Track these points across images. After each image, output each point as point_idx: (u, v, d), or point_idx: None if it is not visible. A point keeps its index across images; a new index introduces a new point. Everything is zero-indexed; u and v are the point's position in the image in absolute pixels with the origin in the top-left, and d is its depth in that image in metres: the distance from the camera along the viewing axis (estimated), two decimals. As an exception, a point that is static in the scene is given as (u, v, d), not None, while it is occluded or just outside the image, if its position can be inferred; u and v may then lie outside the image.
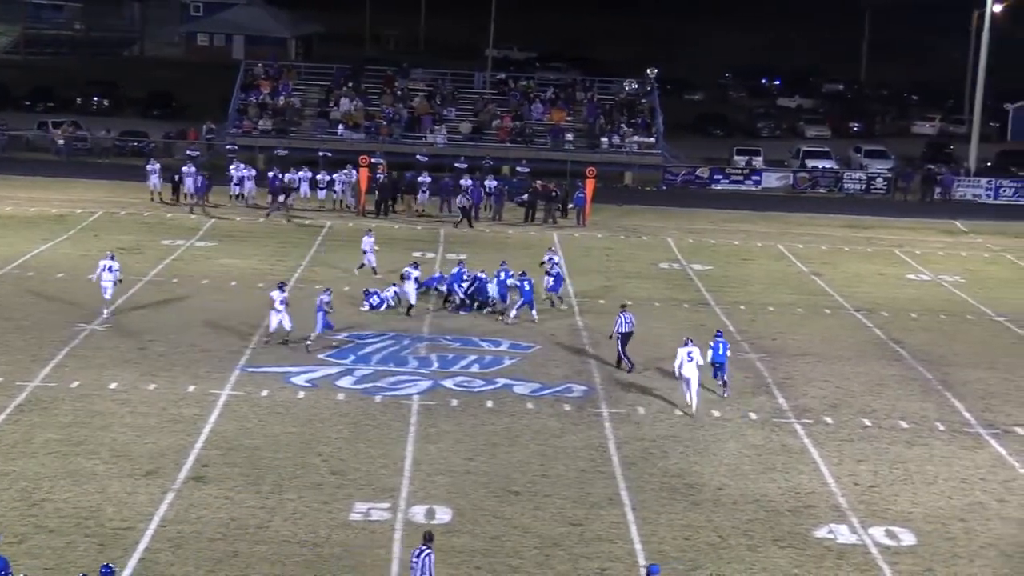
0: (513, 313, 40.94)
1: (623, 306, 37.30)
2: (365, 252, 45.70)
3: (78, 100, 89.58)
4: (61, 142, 72.56)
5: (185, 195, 59.17)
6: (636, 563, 24.41)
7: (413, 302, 41.22)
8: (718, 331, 35.52)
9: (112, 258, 39.89)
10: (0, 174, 64.56)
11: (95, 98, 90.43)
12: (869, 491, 28.54)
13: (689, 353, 32.72)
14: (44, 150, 73.44)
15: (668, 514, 26.78)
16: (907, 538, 26.21)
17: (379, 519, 25.86)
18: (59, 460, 28.06)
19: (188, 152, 65.19)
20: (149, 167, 60.09)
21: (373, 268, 45.63)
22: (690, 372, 32.67)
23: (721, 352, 34.03)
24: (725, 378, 34.29)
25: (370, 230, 47.83)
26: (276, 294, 36.89)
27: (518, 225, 58.07)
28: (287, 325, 36.77)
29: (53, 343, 36.35)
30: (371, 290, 41.82)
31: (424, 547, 21.47)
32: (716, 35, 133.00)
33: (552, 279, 42.71)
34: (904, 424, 33.04)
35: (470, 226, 56.61)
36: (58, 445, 28.89)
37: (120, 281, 39.77)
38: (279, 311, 36.62)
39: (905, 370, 37.94)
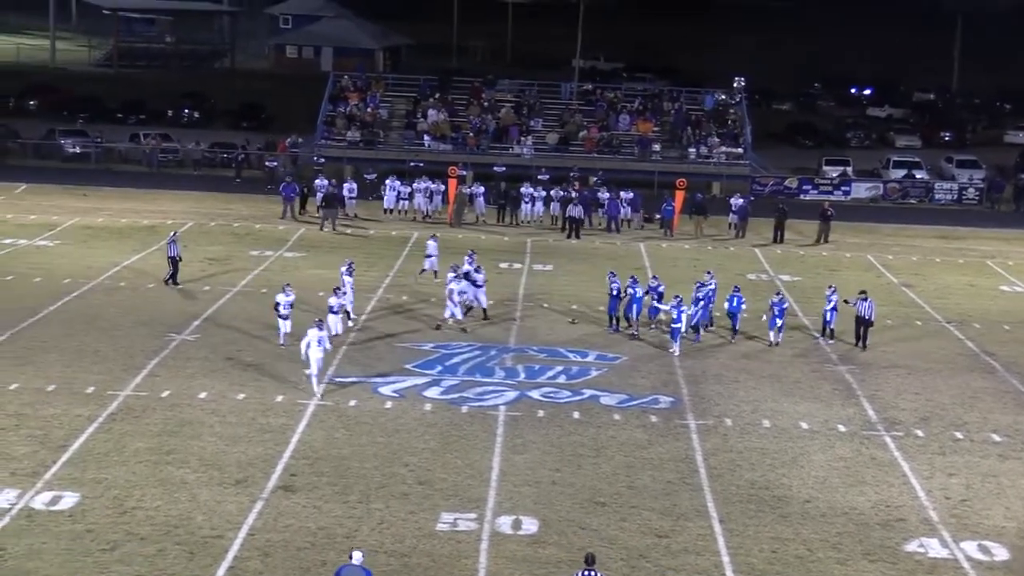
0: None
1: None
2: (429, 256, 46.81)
3: (169, 112, 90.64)
4: (160, 153, 73.44)
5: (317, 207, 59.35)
6: (724, 575, 24.32)
7: (484, 305, 42.28)
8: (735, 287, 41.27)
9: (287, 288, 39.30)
10: (93, 185, 65.65)
11: (186, 110, 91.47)
12: (961, 505, 28.15)
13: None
14: (136, 162, 74.42)
15: (755, 527, 26.59)
16: (1000, 553, 25.83)
17: (466, 529, 25.91)
18: (150, 468, 28.42)
19: (267, 164, 66.10)
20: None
21: (434, 272, 46.51)
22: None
23: (735, 304, 40.34)
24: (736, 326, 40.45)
25: (435, 235, 48.77)
26: (454, 285, 40.32)
27: (602, 235, 57.90)
28: (458, 314, 40.37)
29: (144, 353, 36.83)
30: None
31: (591, 570, 21.37)
32: (801, 45, 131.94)
33: (701, 306, 40.87)
34: (997, 437, 32.56)
35: (577, 237, 56.79)
36: (149, 454, 29.26)
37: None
38: (455, 302, 40.18)
39: (998, 383, 37.40)
